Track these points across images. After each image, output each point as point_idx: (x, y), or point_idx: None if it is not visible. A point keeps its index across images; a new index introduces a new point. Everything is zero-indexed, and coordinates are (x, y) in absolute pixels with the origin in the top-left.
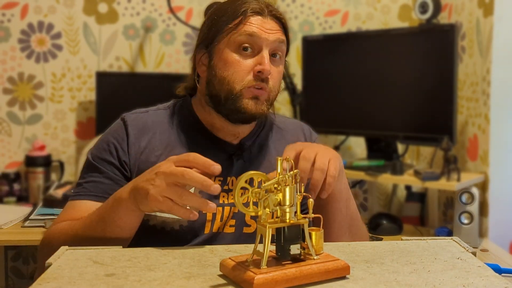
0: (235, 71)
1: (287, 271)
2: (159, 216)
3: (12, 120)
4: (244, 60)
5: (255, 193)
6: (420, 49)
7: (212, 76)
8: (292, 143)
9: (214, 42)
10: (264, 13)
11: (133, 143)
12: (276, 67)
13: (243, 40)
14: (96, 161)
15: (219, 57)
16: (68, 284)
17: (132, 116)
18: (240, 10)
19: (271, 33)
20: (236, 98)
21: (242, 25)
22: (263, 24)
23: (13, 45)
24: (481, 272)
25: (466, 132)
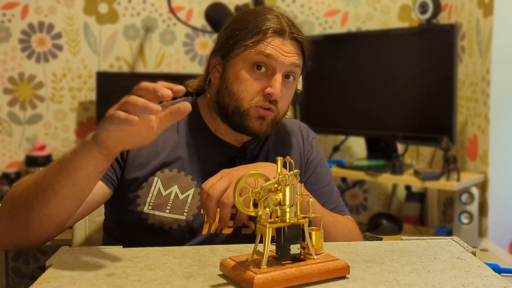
0: (245, 89)
1: (287, 271)
2: (157, 215)
3: (13, 120)
4: (256, 79)
5: (255, 193)
6: (420, 49)
7: (223, 88)
8: (290, 144)
9: (230, 54)
10: (285, 35)
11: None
12: (287, 89)
13: (259, 60)
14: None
15: (233, 71)
16: (68, 284)
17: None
18: (260, 27)
19: (288, 56)
20: (243, 116)
21: (260, 44)
22: (281, 46)
23: (14, 45)
24: (480, 271)
25: (466, 132)
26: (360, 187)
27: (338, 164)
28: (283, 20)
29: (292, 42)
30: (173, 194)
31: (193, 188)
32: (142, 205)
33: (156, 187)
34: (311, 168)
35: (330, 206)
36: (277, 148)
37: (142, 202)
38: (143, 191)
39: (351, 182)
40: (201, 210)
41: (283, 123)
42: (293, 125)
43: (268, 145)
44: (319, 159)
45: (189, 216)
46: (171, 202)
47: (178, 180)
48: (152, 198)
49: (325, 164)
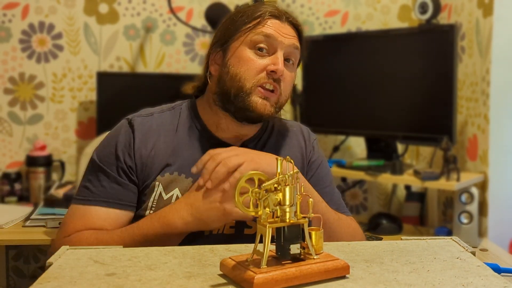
0: (248, 68)
1: (287, 271)
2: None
3: (13, 120)
4: (259, 59)
5: (255, 193)
6: (420, 49)
7: (225, 73)
8: (292, 145)
9: (230, 40)
10: (282, 18)
11: (138, 147)
12: (289, 71)
13: (260, 40)
14: (103, 163)
15: (234, 54)
16: (69, 284)
17: (138, 119)
18: (258, 12)
19: (287, 37)
20: (246, 96)
21: (259, 26)
22: (280, 27)
23: (14, 45)
24: (480, 271)
25: (466, 132)
26: (360, 187)
27: (338, 164)
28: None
29: (289, 26)
30: (174, 197)
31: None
32: (145, 209)
33: (157, 191)
34: (312, 169)
35: (333, 206)
36: (278, 148)
37: (145, 207)
38: (146, 196)
39: (351, 182)
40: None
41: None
42: (294, 126)
43: (269, 145)
44: (321, 160)
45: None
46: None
47: (179, 183)
48: (154, 203)
49: (327, 165)
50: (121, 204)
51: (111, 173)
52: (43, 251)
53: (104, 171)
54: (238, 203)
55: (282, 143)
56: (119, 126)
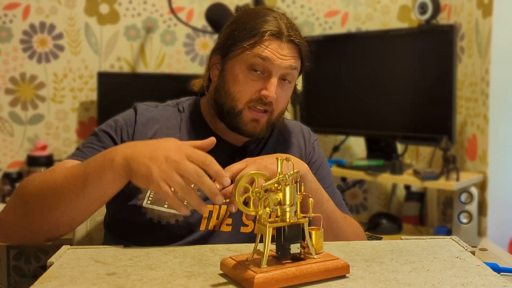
0: (241, 89)
1: (287, 270)
2: (156, 209)
3: (14, 120)
4: (252, 80)
5: (255, 193)
6: (420, 50)
7: (221, 87)
8: (292, 145)
9: (229, 55)
10: (282, 38)
11: (139, 130)
12: (284, 90)
13: (255, 63)
14: (99, 132)
15: (230, 72)
16: (69, 283)
17: (143, 106)
18: (258, 29)
19: (284, 60)
20: (236, 116)
21: (257, 47)
22: (278, 49)
23: (15, 46)
24: (480, 271)
25: (465, 132)
26: (360, 186)
27: (338, 164)
28: (281, 23)
29: (290, 45)
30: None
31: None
32: (142, 199)
33: None
34: (313, 169)
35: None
36: (278, 149)
37: (142, 196)
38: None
39: (351, 182)
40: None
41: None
42: (295, 126)
43: (269, 145)
44: (321, 160)
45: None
46: None
47: None
48: (152, 193)
49: (327, 165)
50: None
51: (103, 140)
52: (44, 251)
53: (98, 137)
54: (239, 203)
55: (282, 143)
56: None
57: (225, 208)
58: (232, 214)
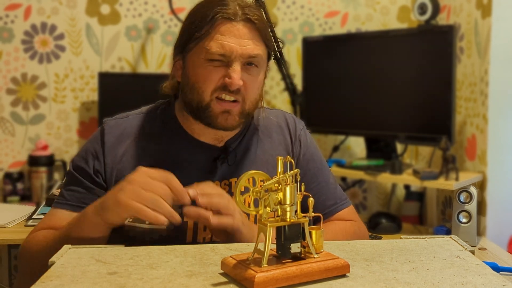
0: (204, 80)
1: (287, 269)
2: (137, 227)
3: (16, 120)
4: (215, 69)
5: (255, 192)
6: (419, 50)
7: (185, 84)
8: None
9: (187, 49)
10: (236, 18)
11: (109, 152)
12: (252, 75)
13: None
14: (74, 169)
15: (190, 66)
16: (71, 282)
17: (112, 122)
18: (209, 15)
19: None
20: (205, 110)
21: (211, 34)
22: (234, 31)
23: (17, 46)
24: (479, 270)
25: (465, 132)
26: (360, 186)
27: (338, 164)
28: (234, 4)
29: (246, 24)
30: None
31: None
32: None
33: None
34: (303, 166)
35: (330, 202)
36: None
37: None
38: None
39: (350, 181)
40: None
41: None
42: (278, 117)
43: (253, 145)
44: (311, 153)
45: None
46: None
47: None
48: None
49: (318, 155)
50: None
51: (78, 177)
52: None
53: (73, 176)
54: (239, 202)
55: (266, 141)
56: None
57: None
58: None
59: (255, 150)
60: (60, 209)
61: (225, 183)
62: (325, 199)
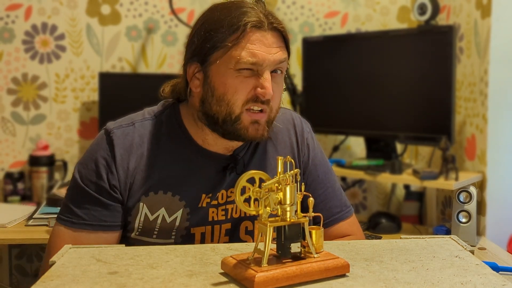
0: (235, 92)
1: (287, 269)
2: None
3: (16, 120)
4: (245, 80)
5: (256, 192)
6: (419, 50)
7: (209, 96)
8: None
9: (209, 60)
10: (264, 27)
11: (120, 164)
12: (277, 83)
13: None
14: (84, 183)
15: (217, 77)
16: (71, 282)
17: (118, 132)
18: (238, 23)
19: (273, 52)
20: (234, 123)
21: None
22: (264, 40)
23: (17, 46)
24: (479, 270)
25: (464, 132)
26: (360, 186)
27: (338, 164)
28: (259, 12)
29: (273, 33)
30: (160, 218)
31: (182, 209)
32: (131, 231)
33: (143, 212)
34: (311, 173)
35: (337, 209)
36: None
37: (131, 228)
38: (132, 217)
39: (350, 181)
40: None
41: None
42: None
43: (259, 150)
44: (318, 157)
45: (177, 239)
46: (158, 227)
47: (165, 202)
48: (140, 224)
49: (324, 159)
50: (105, 226)
51: (93, 194)
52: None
53: (85, 192)
54: (239, 202)
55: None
56: (99, 139)
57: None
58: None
59: (263, 156)
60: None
61: (231, 191)
62: (331, 206)
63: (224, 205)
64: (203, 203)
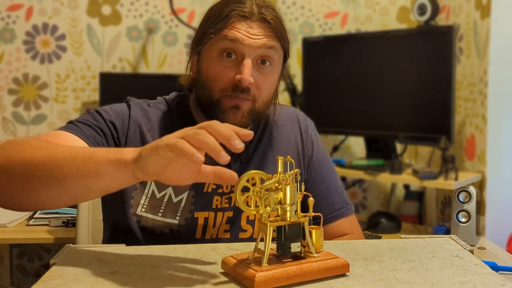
0: (215, 78)
1: (287, 269)
2: (150, 217)
3: (17, 120)
4: (226, 67)
5: (256, 192)
6: (419, 50)
7: (198, 80)
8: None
9: (200, 47)
10: (252, 17)
11: (134, 121)
12: (264, 74)
13: (225, 46)
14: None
15: (204, 62)
16: (72, 282)
17: (137, 101)
18: (224, 12)
19: (256, 39)
20: (216, 107)
21: (225, 30)
22: (248, 29)
23: (18, 47)
24: (478, 269)
25: (464, 132)
26: (360, 186)
27: (338, 164)
28: (250, 3)
29: (261, 24)
30: (167, 196)
31: (187, 191)
32: (135, 206)
33: (150, 189)
34: (315, 168)
35: (338, 205)
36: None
37: (136, 203)
38: (137, 192)
39: (350, 181)
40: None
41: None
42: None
43: (264, 141)
44: (321, 154)
45: (181, 220)
46: (164, 205)
47: None
48: (146, 200)
49: (326, 156)
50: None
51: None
52: (46, 250)
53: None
54: (240, 202)
55: (277, 139)
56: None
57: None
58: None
59: (267, 147)
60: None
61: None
62: (333, 203)
63: (229, 194)
64: (208, 189)
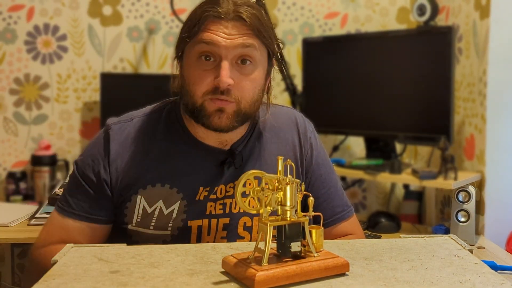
0: (196, 82)
1: (287, 268)
2: (141, 231)
3: (19, 120)
4: (205, 71)
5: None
6: (418, 51)
7: (181, 86)
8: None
9: (180, 53)
10: (227, 17)
11: (114, 159)
12: (245, 74)
13: (202, 49)
14: (80, 175)
15: (185, 67)
16: (73, 281)
17: (116, 127)
18: (198, 15)
19: (233, 39)
20: (200, 111)
21: (200, 33)
22: (223, 29)
23: (20, 47)
24: (477, 269)
25: (463, 132)
26: (359, 186)
27: (338, 164)
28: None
29: (237, 23)
30: (158, 209)
31: (179, 201)
32: (129, 223)
33: (141, 205)
34: (315, 172)
35: (339, 208)
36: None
37: (129, 220)
38: (129, 210)
39: (350, 181)
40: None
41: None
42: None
43: (258, 147)
44: (321, 157)
45: (174, 231)
46: (155, 218)
47: (163, 194)
48: (139, 217)
49: (326, 158)
50: (90, 218)
51: (84, 187)
52: None
53: (79, 183)
54: (240, 202)
55: (273, 142)
56: (98, 134)
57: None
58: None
59: (262, 152)
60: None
61: (230, 186)
62: (334, 206)
63: (223, 199)
64: (201, 196)
